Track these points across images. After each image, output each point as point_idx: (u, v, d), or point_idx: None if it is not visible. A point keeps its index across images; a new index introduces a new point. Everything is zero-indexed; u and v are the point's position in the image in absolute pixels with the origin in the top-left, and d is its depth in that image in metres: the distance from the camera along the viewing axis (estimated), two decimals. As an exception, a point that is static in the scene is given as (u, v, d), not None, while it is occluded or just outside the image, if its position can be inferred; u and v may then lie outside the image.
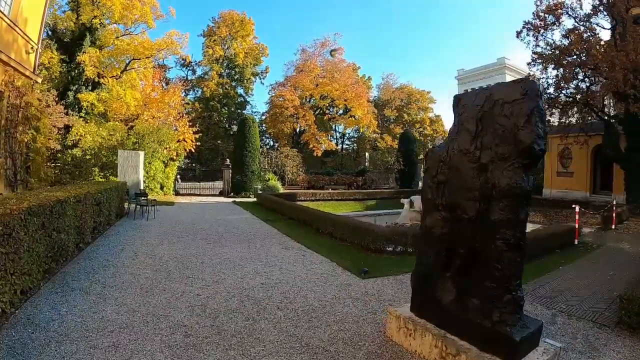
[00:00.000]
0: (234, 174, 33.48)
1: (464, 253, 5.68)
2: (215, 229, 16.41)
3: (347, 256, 12.04)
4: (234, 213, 22.58)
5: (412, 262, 10.91)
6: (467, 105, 5.93)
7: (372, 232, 13.00)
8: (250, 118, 34.82)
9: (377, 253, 12.48)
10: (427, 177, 6.42)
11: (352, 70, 54.00)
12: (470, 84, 70.25)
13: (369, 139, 54.26)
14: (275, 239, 14.70)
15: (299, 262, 11.18)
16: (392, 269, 10.41)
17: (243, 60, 55.81)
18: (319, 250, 12.81)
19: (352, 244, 13.71)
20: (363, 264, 10.88)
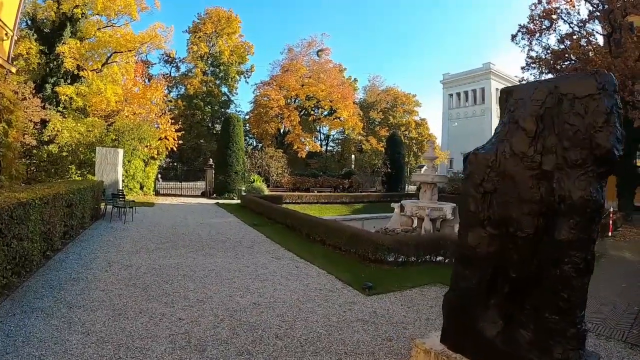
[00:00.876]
0: (217, 174, 32.16)
1: (516, 278, 4.58)
2: (198, 234, 15.14)
3: (345, 267, 11.02)
4: (217, 216, 21.31)
5: (416, 275, 10.34)
6: (522, 101, 4.78)
7: (371, 241, 11.89)
8: (235, 117, 33.58)
9: (376, 263, 11.49)
10: (469, 186, 5.23)
11: (339, 72, 53.05)
12: (456, 88, 70.47)
13: (354, 141, 53.23)
14: (264, 247, 13.54)
15: (293, 274, 10.04)
16: (397, 283, 9.53)
17: (228, 58, 54.20)
18: (313, 260, 11.73)
19: (348, 252, 12.72)
20: (364, 276, 9.93)
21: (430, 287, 9.38)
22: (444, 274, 9.96)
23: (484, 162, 5.01)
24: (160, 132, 30.39)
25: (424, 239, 13.17)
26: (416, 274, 10.52)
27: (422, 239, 12.95)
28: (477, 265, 4.97)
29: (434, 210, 21.84)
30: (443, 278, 9.52)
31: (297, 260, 11.79)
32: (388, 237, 13.19)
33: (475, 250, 4.97)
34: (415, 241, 12.43)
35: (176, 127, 31.52)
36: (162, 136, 30.35)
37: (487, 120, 64.91)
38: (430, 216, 21.46)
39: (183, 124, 33.87)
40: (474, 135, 65.03)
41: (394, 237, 12.94)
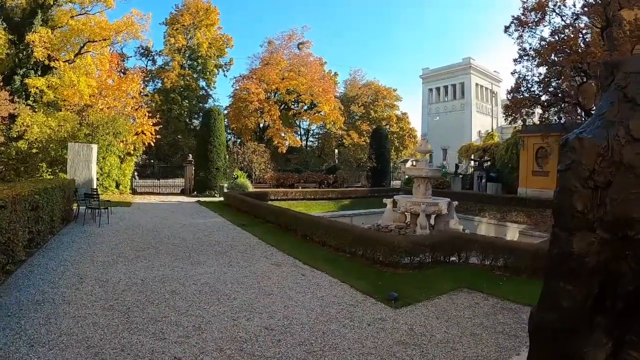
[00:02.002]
0: (197, 170, 30.28)
1: (633, 292, 3.13)
2: (182, 237, 13.43)
3: (356, 273, 9.71)
4: (201, 216, 19.53)
5: (437, 279, 9.32)
6: (638, 75, 3.29)
7: (385, 243, 10.61)
8: (215, 110, 31.63)
9: (389, 267, 10.22)
10: (572, 179, 3.70)
11: (319, 65, 51.61)
12: (435, 83, 69.69)
13: (335, 135, 51.90)
14: (258, 251, 11.97)
15: (301, 285, 8.54)
16: (420, 291, 8.35)
17: (206, 51, 52.17)
18: (318, 265, 10.31)
19: (353, 255, 11.49)
20: (382, 284, 8.71)
21: (458, 294, 8.33)
22: (465, 277, 9.52)
23: (593, 150, 3.48)
24: (136, 127, 28.38)
25: (439, 238, 11.80)
26: (436, 278, 9.45)
27: (436, 239, 11.60)
28: (582, 277, 3.48)
29: (429, 206, 20.66)
30: (466, 281, 9.08)
31: (301, 266, 10.30)
32: (403, 237, 11.74)
33: (584, 260, 3.48)
34: (431, 241, 11.15)
35: (153, 120, 29.52)
36: (138, 131, 28.35)
37: (467, 115, 64.38)
38: (425, 212, 20.22)
39: (160, 119, 31.70)
40: (454, 130, 64.73)
41: (410, 238, 11.52)
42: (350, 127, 52.46)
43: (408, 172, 24.99)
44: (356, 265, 10.63)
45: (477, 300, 7.94)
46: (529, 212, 26.63)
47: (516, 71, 27.40)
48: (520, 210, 27.25)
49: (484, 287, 8.66)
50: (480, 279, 9.32)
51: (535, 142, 33.00)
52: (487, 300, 7.94)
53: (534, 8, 25.12)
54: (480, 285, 8.79)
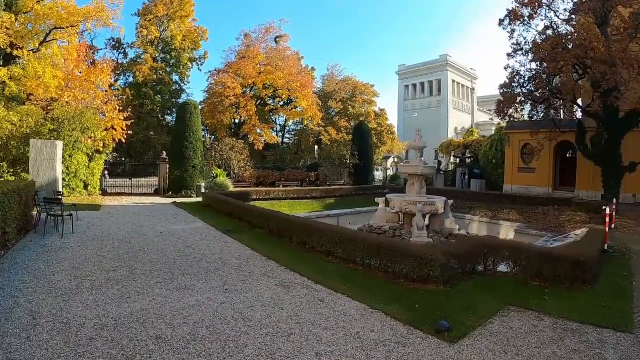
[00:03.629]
0: (172, 168, 27.66)
1: None
2: (160, 250, 11.19)
3: (383, 292, 8.15)
4: (179, 220, 17.14)
5: (474, 296, 8.04)
6: None
7: (411, 254, 8.94)
8: (191, 103, 28.94)
9: (417, 282, 8.66)
10: None
11: (296, 59, 49.50)
12: (411, 79, 68.92)
13: (313, 131, 49.91)
14: (255, 266, 9.91)
15: (325, 317, 6.66)
16: (465, 312, 7.09)
17: (180, 43, 49.35)
18: (333, 283, 8.56)
19: (367, 267, 9.92)
20: (418, 307, 7.25)
21: (507, 314, 7.17)
22: (502, 290, 8.45)
23: None
24: (106, 121, 25.62)
25: (469, 245, 10.27)
26: (473, 294, 8.15)
27: (468, 247, 10.11)
28: None
29: (426, 205, 19.09)
30: (506, 296, 8.04)
31: (313, 287, 8.37)
32: (435, 248, 9.84)
33: None
34: (463, 250, 9.66)
35: (124, 114, 26.77)
36: (108, 126, 25.57)
37: (444, 111, 63.91)
38: (422, 211, 18.56)
39: (131, 114, 28.97)
40: (430, 126, 64.08)
41: (444, 249, 9.63)
42: (327, 123, 50.56)
43: (401, 170, 23.40)
44: (376, 281, 8.98)
45: (532, 321, 6.85)
46: (521, 210, 25.64)
47: (509, 66, 26.37)
48: (512, 208, 26.22)
49: (530, 303, 7.63)
50: (520, 292, 8.33)
51: (521, 139, 32.65)
52: (542, 320, 6.88)
53: (526, 3, 24.19)
54: (525, 301, 7.76)
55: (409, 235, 18.19)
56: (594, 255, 9.59)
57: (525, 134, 30.89)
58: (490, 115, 71.11)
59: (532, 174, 32.00)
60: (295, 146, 53.90)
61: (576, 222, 21.64)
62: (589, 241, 11.83)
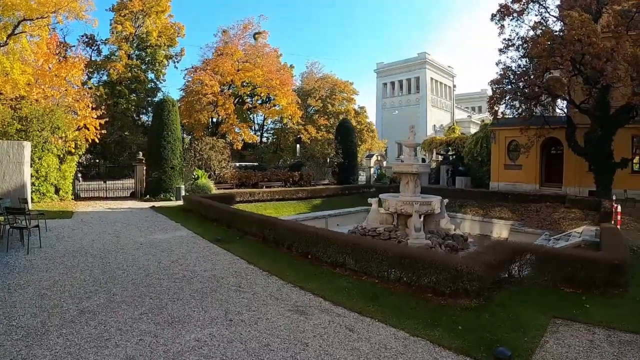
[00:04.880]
0: (150, 170, 25.60)
1: None
2: (143, 268, 9.49)
3: (416, 313, 6.98)
4: (161, 228, 15.33)
5: (514, 308, 7.20)
6: None
7: (443, 266, 7.88)
8: (169, 100, 26.79)
9: (448, 297, 7.68)
10: None
11: (276, 57, 47.74)
12: (390, 77, 67.97)
13: (292, 130, 48.38)
14: (258, 285, 8.38)
15: (365, 355, 5.39)
16: (513, 331, 6.30)
17: (156, 40, 46.99)
18: (355, 303, 7.38)
19: (384, 280, 8.74)
20: (462, 329, 6.30)
21: (557, 329, 6.48)
22: (540, 300, 7.79)
23: None
24: (78, 120, 23.48)
25: (499, 253, 9.03)
26: (513, 308, 7.28)
27: (501, 254, 8.95)
28: None
29: (423, 205, 18.10)
30: (546, 306, 7.39)
31: (335, 310, 7.02)
32: (470, 258, 8.42)
33: None
34: (496, 259, 8.52)
35: (97, 113, 24.58)
36: (80, 125, 23.44)
37: (423, 109, 63.18)
38: (419, 212, 17.65)
39: (105, 113, 26.81)
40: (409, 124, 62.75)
41: (480, 259, 8.27)
42: (307, 121, 49.22)
43: (395, 169, 22.16)
44: (402, 297, 7.81)
45: (585, 335, 6.26)
46: (513, 207, 24.85)
47: (501, 61, 25.88)
48: (503, 206, 25.40)
49: (574, 314, 7.07)
50: (559, 302, 7.72)
51: (507, 135, 32.25)
52: (594, 333, 6.33)
53: None
54: (568, 312, 7.18)
55: (405, 237, 17.19)
56: (628, 258, 9.00)
57: (512, 130, 30.73)
58: (468, 113, 70.79)
59: (519, 171, 31.48)
60: (274, 145, 52.16)
61: (572, 220, 21.07)
62: (615, 243, 11.03)
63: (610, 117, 22.42)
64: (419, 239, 16.79)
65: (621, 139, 23.88)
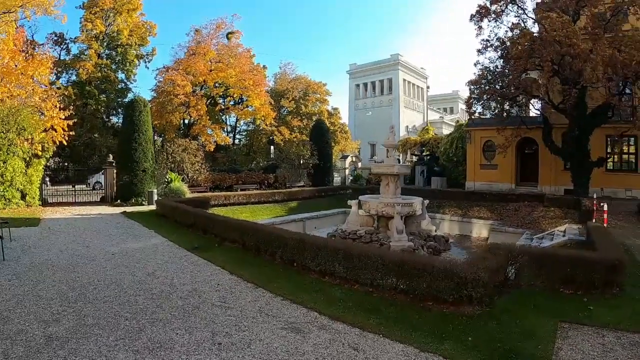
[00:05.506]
0: (120, 173, 24.43)
1: None
2: (116, 281, 8.60)
3: (420, 323, 6.55)
4: (133, 236, 14.34)
5: (520, 315, 6.92)
6: None
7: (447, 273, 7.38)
8: (141, 100, 25.64)
9: (450, 305, 7.23)
10: None
11: (249, 57, 46.75)
12: (363, 79, 67.86)
13: (266, 131, 47.50)
14: (245, 299, 7.64)
15: None
16: (527, 340, 5.97)
17: (127, 39, 45.40)
18: (354, 317, 6.80)
19: (377, 287, 8.18)
20: (472, 339, 5.92)
21: (567, 335, 6.21)
22: (544, 304, 7.48)
23: None
24: (45, 121, 22.09)
25: (499, 257, 8.54)
26: (520, 315, 6.93)
27: (496, 259, 8.35)
28: None
29: (404, 207, 17.69)
30: (551, 311, 7.12)
31: (334, 326, 6.39)
32: (473, 264, 7.79)
33: None
34: (497, 263, 8.09)
35: (66, 113, 23.19)
36: (47, 126, 22.06)
37: (395, 110, 63.18)
38: (400, 213, 17.24)
39: (75, 116, 25.38)
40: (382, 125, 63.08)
41: (486, 265, 7.66)
42: (280, 123, 48.43)
43: (375, 170, 21.72)
44: (401, 307, 7.30)
45: (595, 339, 6.03)
46: (492, 207, 24.66)
47: (479, 62, 25.98)
48: (482, 205, 25.20)
49: (580, 317, 6.87)
50: (560, 304, 7.54)
51: (483, 136, 32.36)
52: (604, 336, 6.13)
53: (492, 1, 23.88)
54: (574, 315, 6.95)
55: (387, 240, 16.71)
56: (626, 258, 8.89)
57: (487, 131, 30.89)
58: (440, 114, 71.15)
59: (495, 171, 31.57)
60: (246, 147, 51.25)
61: (551, 218, 20.99)
62: (609, 242, 10.76)
63: (587, 117, 22.57)
64: (401, 242, 16.37)
65: (596, 139, 24.12)
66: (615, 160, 26.87)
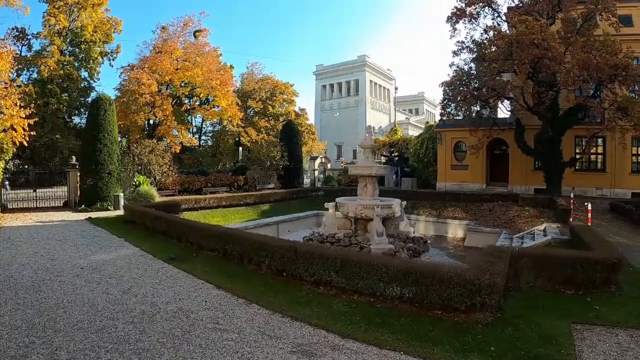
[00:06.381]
0: (85, 176, 22.70)
1: None
2: (89, 302, 7.49)
3: (437, 335, 6.08)
4: (102, 245, 13.00)
5: (532, 319, 6.69)
6: None
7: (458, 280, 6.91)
8: (106, 99, 23.90)
9: (460, 313, 6.87)
10: None
11: (216, 56, 45.34)
12: (329, 80, 67.63)
13: (232, 132, 46.26)
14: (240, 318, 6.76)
15: None
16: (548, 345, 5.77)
17: (91, 35, 42.97)
18: (366, 333, 6.12)
19: (379, 297, 7.59)
20: (495, 351, 5.57)
21: (582, 336, 6.12)
22: (552, 305, 7.37)
23: None
24: (4, 120, 20.29)
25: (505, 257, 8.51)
26: (533, 319, 6.70)
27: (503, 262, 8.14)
28: None
29: (384, 209, 17.33)
30: (560, 312, 7.02)
31: (348, 346, 5.71)
32: (486, 271, 7.21)
33: None
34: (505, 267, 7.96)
35: (26, 112, 21.36)
36: (6, 126, 20.28)
37: (362, 111, 63.12)
38: (380, 216, 16.88)
39: (35, 116, 23.47)
40: (348, 126, 63.19)
41: (497, 270, 7.36)
42: (247, 123, 47.36)
43: (352, 171, 21.16)
44: (413, 320, 6.70)
45: (610, 338, 6.02)
46: (466, 207, 24.52)
47: (454, 63, 26.16)
48: (456, 206, 25.04)
49: (589, 317, 6.85)
50: (566, 305, 7.44)
51: (453, 137, 32.42)
52: (617, 335, 6.11)
53: (469, 2, 24.15)
54: (581, 315, 6.96)
55: (367, 243, 16.18)
56: (623, 257, 9.03)
57: (458, 132, 30.97)
58: (406, 115, 71.42)
59: (466, 171, 31.63)
60: (212, 148, 50.03)
61: (527, 218, 20.98)
62: (602, 241, 10.74)
63: (560, 119, 22.89)
64: (381, 244, 15.95)
65: (566, 140, 24.54)
66: (584, 161, 27.27)
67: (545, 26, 20.15)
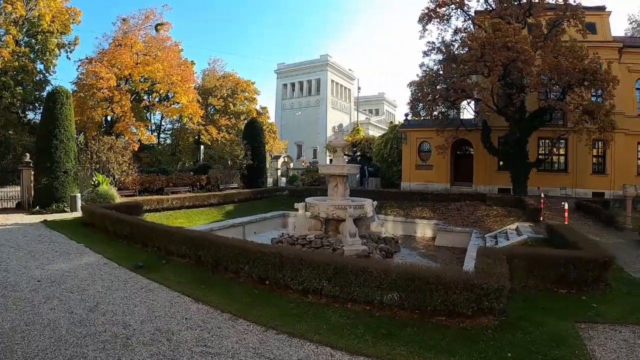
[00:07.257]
0: (39, 176, 20.82)
1: None
2: (50, 324, 6.36)
3: (450, 345, 5.73)
4: (61, 252, 11.65)
5: (537, 321, 6.62)
6: None
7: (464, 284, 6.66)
8: (63, 92, 22.01)
9: (465, 319, 6.61)
10: None
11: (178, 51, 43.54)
12: (291, 78, 67.00)
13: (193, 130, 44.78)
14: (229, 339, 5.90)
15: None
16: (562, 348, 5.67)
17: (48, 25, 39.76)
18: (373, 348, 5.59)
19: (376, 305, 7.11)
20: (511, 355, 5.44)
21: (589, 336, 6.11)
22: (551, 306, 7.34)
23: None
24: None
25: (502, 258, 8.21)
26: (539, 321, 6.64)
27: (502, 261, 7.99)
28: None
29: (356, 209, 16.92)
30: (562, 312, 7.03)
31: None
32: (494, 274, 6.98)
33: None
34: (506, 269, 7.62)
35: None
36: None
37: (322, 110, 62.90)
38: (352, 216, 16.42)
39: None
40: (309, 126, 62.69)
41: (500, 272, 7.17)
42: (208, 121, 46.02)
43: (323, 170, 20.59)
44: (418, 329, 6.31)
45: (615, 336, 6.09)
46: (433, 207, 24.41)
47: (424, 63, 26.10)
48: (423, 205, 24.86)
49: (590, 315, 6.96)
50: (565, 304, 7.55)
51: (418, 137, 32.46)
52: (620, 332, 6.21)
53: (441, 3, 24.13)
54: (580, 313, 7.06)
55: (340, 244, 15.60)
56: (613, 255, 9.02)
57: (423, 132, 31.08)
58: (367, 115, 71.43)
59: (430, 171, 31.66)
60: (172, 147, 48.56)
61: (495, 217, 20.95)
62: (587, 240, 10.85)
63: (526, 120, 23.27)
64: (355, 245, 15.44)
65: (530, 141, 24.92)
66: (548, 161, 27.71)
67: (518, 29, 20.48)
